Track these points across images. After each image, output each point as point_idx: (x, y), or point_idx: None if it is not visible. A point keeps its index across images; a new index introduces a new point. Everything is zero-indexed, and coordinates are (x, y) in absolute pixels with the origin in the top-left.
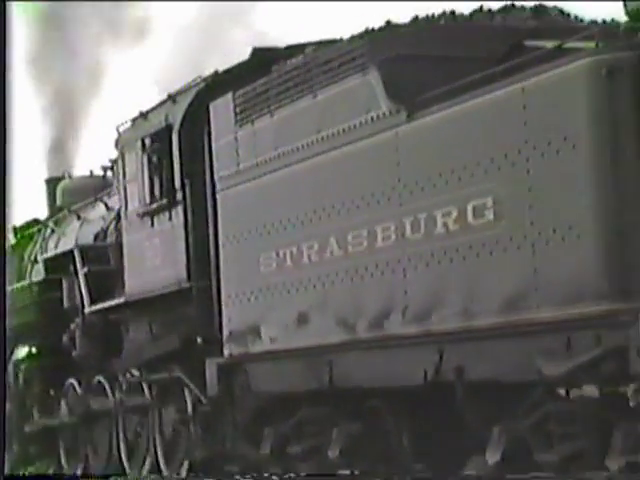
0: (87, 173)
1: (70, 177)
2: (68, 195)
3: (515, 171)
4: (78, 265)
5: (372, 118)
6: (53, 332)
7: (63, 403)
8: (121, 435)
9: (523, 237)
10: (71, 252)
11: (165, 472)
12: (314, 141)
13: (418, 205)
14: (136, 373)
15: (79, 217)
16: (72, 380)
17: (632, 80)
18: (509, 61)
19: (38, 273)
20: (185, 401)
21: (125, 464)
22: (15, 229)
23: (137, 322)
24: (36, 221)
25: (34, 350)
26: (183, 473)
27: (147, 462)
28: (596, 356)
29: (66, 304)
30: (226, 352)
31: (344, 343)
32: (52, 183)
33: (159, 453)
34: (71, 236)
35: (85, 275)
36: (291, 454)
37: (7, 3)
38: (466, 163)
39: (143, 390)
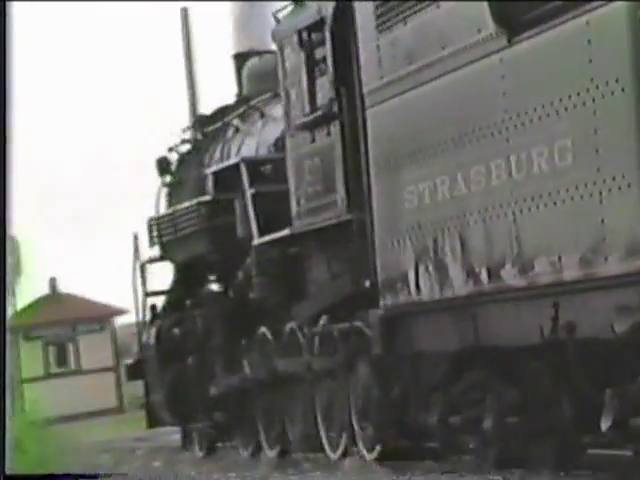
0: None
1: (259, 55)
2: (255, 80)
3: (585, 111)
4: (245, 184)
5: (482, 39)
6: (229, 268)
7: (245, 362)
8: (317, 404)
9: (593, 183)
10: (238, 166)
11: (367, 457)
12: (439, 59)
13: (520, 142)
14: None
15: (262, 114)
16: (264, 328)
17: None
18: None
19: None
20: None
21: (324, 440)
22: (200, 120)
23: (316, 258)
24: (224, 109)
25: (214, 289)
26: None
27: (342, 443)
28: None
29: (240, 232)
30: (382, 302)
31: (472, 295)
32: (240, 59)
33: (355, 428)
34: (254, 138)
35: (253, 197)
36: (454, 424)
37: (7, 3)
38: (554, 98)
39: (334, 343)
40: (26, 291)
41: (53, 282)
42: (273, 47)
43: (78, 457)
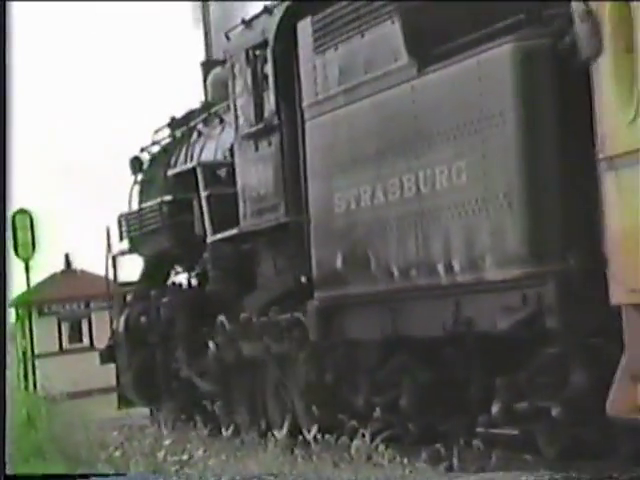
0: None
1: (223, 64)
2: (218, 87)
3: (476, 138)
4: (200, 186)
5: (397, 68)
6: (190, 261)
7: (211, 345)
8: (268, 388)
9: (482, 201)
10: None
11: (307, 434)
12: (363, 82)
13: (426, 160)
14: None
15: (221, 120)
16: (222, 317)
17: (545, 65)
18: None
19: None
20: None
21: (270, 420)
22: (172, 123)
23: (264, 255)
24: (191, 114)
25: (177, 281)
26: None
27: (285, 423)
28: (530, 313)
29: (197, 229)
30: (316, 295)
31: (389, 291)
32: (206, 67)
33: (299, 408)
34: (214, 143)
35: (207, 198)
36: (377, 403)
37: (7, 3)
38: (454, 124)
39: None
40: (41, 267)
41: (68, 258)
42: None
43: (88, 434)
